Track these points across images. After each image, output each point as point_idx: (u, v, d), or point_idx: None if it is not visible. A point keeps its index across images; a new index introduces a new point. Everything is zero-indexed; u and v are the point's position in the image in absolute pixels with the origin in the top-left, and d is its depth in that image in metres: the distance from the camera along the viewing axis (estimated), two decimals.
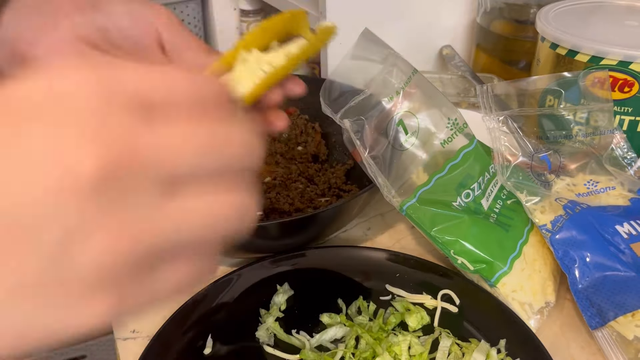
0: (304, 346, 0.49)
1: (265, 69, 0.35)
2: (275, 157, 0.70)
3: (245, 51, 0.35)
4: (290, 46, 0.37)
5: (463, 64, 0.85)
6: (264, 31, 0.36)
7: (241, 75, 0.35)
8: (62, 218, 0.17)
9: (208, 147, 0.19)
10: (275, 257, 0.56)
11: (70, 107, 0.18)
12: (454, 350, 0.48)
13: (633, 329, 0.48)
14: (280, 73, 0.36)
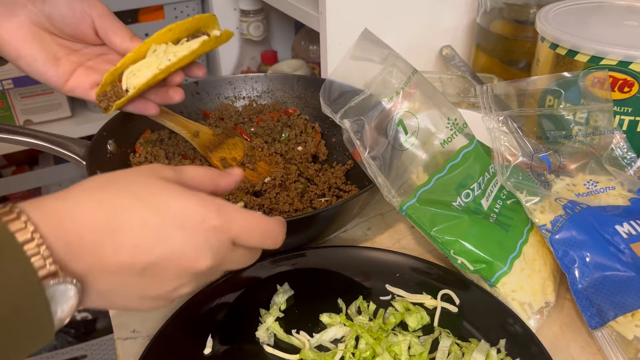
0: (304, 346, 0.49)
1: (171, 57, 0.50)
2: (275, 157, 0.70)
3: (156, 44, 0.50)
4: (193, 42, 0.51)
5: (463, 64, 0.85)
6: (170, 30, 0.50)
7: (150, 61, 0.50)
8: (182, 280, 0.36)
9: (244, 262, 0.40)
10: (275, 257, 0.56)
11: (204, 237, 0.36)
12: (454, 350, 0.48)
13: (633, 329, 0.48)
14: (181, 61, 0.50)
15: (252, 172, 0.67)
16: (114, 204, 0.34)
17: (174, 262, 0.35)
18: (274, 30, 1.27)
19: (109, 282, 0.34)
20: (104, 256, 0.33)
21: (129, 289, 0.35)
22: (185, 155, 0.68)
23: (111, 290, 0.34)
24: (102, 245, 0.33)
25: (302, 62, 1.11)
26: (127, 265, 0.33)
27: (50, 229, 0.31)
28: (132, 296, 0.36)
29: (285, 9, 0.87)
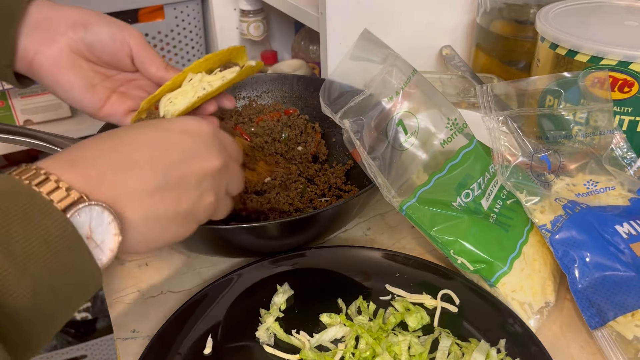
0: (304, 346, 0.49)
1: (206, 87, 0.51)
2: (275, 157, 0.70)
3: (193, 73, 0.52)
4: (226, 72, 0.53)
5: (463, 64, 0.85)
6: (206, 60, 0.52)
7: (186, 89, 0.51)
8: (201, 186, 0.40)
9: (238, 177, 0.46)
10: (275, 257, 0.56)
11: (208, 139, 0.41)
12: (454, 350, 0.48)
13: (633, 329, 0.48)
14: (216, 91, 0.52)
15: (252, 172, 0.67)
16: (119, 135, 0.38)
17: (191, 164, 0.39)
18: (274, 30, 1.27)
19: (140, 206, 0.36)
20: (125, 178, 0.35)
21: (160, 207, 0.37)
22: None
23: (146, 216, 0.36)
24: (120, 168, 0.35)
25: (302, 62, 1.11)
26: (149, 178, 0.36)
27: (65, 170, 0.33)
28: (167, 217, 0.37)
29: (285, 9, 0.87)
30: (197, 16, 1.17)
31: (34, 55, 0.50)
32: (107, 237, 0.34)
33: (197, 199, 0.39)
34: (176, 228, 0.39)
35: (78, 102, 0.52)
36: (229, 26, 1.18)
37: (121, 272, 0.61)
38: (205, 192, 0.40)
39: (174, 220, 0.38)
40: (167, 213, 0.37)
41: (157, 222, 0.37)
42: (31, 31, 0.50)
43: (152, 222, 0.37)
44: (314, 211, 0.53)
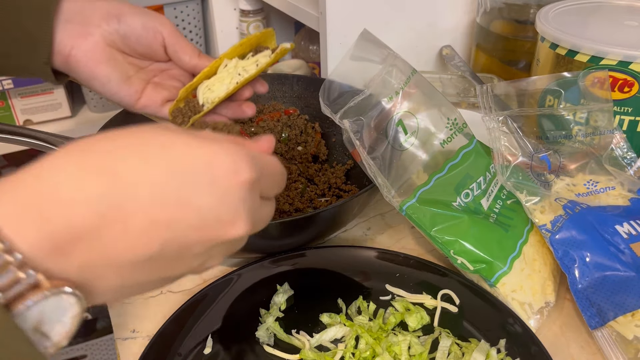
0: (304, 346, 0.49)
1: (241, 72, 0.51)
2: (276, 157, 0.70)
3: (228, 59, 0.51)
4: (259, 56, 0.52)
5: (463, 64, 0.85)
6: (241, 45, 0.51)
7: (223, 76, 0.51)
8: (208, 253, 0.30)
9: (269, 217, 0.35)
10: (275, 257, 0.56)
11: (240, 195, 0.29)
12: (454, 350, 0.48)
13: (633, 329, 0.48)
14: (251, 76, 0.51)
15: None
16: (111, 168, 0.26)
17: (204, 232, 0.28)
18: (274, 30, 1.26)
19: (117, 278, 0.27)
20: (106, 246, 0.25)
21: (142, 277, 0.28)
22: None
23: (121, 285, 0.27)
24: (102, 232, 0.25)
25: (302, 62, 1.10)
26: (140, 250, 0.26)
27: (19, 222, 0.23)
28: (151, 281, 0.29)
29: (285, 9, 0.87)
30: (197, 16, 1.17)
31: (70, 49, 0.48)
32: (59, 324, 0.25)
33: (197, 266, 0.30)
34: (161, 285, 0.31)
35: (115, 94, 0.51)
36: (229, 26, 1.18)
37: None
38: (212, 258, 0.31)
39: (162, 282, 0.30)
40: (151, 282, 0.29)
41: (135, 287, 0.29)
42: (66, 25, 0.48)
43: (126, 290, 0.28)
44: (314, 211, 0.53)
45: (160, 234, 0.26)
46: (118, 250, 0.26)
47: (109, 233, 0.25)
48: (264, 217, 0.34)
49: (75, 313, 0.25)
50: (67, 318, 0.25)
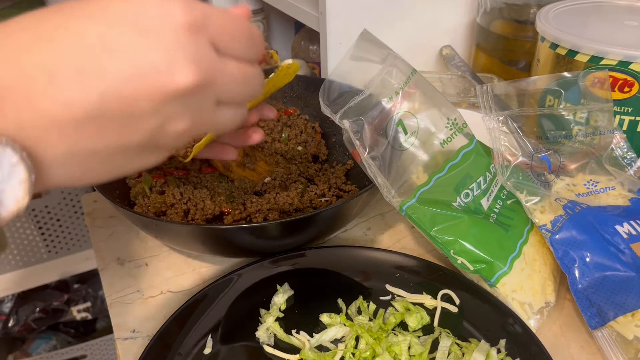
0: (304, 346, 0.49)
1: None
2: (275, 157, 0.70)
3: None
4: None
5: (463, 64, 0.85)
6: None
7: None
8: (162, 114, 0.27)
9: (247, 80, 0.31)
10: (275, 257, 0.56)
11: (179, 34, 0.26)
12: (454, 350, 0.48)
13: (633, 329, 0.48)
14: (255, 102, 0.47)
15: (252, 172, 0.67)
16: (37, 25, 0.25)
17: (143, 83, 0.26)
18: (274, 30, 1.26)
19: (61, 141, 0.26)
20: (37, 101, 0.24)
21: (96, 142, 0.26)
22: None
23: (72, 152, 0.26)
24: (31, 86, 0.24)
25: (302, 62, 1.10)
26: (75, 105, 0.25)
27: None
28: (109, 152, 0.27)
29: (285, 9, 0.87)
30: None
31: None
32: (9, 185, 0.25)
33: (158, 128, 0.28)
34: (128, 161, 0.29)
35: None
36: None
37: (121, 272, 0.61)
38: (171, 119, 0.28)
39: (124, 154, 0.28)
40: (109, 148, 0.27)
41: (92, 158, 0.27)
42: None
43: (84, 159, 0.27)
44: (314, 211, 0.53)
45: (92, 84, 0.25)
46: (48, 105, 0.25)
47: (34, 87, 0.24)
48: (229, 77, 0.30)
49: (23, 177, 0.25)
50: (16, 182, 0.25)
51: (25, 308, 1.38)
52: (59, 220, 1.20)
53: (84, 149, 0.27)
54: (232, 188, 0.64)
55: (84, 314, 1.42)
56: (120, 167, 0.29)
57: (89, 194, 0.75)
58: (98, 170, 0.29)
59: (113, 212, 0.70)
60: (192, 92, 0.27)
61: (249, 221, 0.62)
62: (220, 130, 0.32)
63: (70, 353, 1.34)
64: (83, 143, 0.26)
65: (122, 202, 0.61)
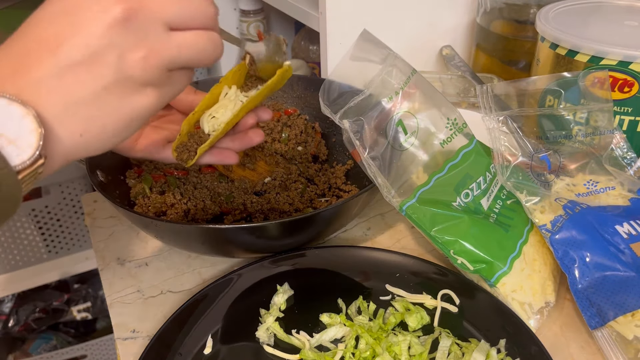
0: (304, 346, 0.49)
1: (242, 99, 0.49)
2: (276, 157, 0.70)
3: (227, 87, 0.49)
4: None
5: (463, 64, 0.85)
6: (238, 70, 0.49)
7: (225, 103, 0.49)
8: (115, 44, 0.32)
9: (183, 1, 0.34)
10: (275, 257, 0.56)
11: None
12: (454, 350, 0.48)
13: (633, 329, 0.48)
14: (253, 100, 0.48)
15: (252, 172, 0.67)
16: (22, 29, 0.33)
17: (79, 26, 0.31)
18: (274, 30, 1.26)
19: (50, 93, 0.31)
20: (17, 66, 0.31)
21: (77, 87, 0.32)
22: None
23: (65, 102, 0.32)
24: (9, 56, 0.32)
25: (302, 62, 1.10)
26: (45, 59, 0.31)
27: None
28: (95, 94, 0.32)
29: (285, 9, 0.87)
30: None
31: None
32: (22, 132, 0.30)
33: (117, 60, 0.32)
34: (119, 102, 0.33)
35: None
36: (229, 26, 1.18)
37: (121, 272, 0.61)
38: (126, 49, 0.32)
39: (108, 95, 0.33)
40: (92, 90, 0.32)
41: (85, 105, 0.32)
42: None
43: (79, 107, 0.32)
44: (314, 211, 0.53)
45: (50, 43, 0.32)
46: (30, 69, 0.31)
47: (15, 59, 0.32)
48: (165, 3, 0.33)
49: (33, 127, 0.30)
50: (27, 131, 0.30)
51: (25, 308, 1.38)
52: (59, 220, 1.20)
53: (73, 97, 0.32)
54: (232, 188, 0.64)
55: (84, 314, 1.42)
56: (118, 112, 0.33)
57: (89, 194, 0.75)
58: (99, 119, 0.33)
59: (113, 212, 0.70)
60: (127, 18, 0.32)
61: (249, 221, 0.62)
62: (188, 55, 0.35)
63: (70, 353, 1.34)
64: (69, 90, 0.32)
65: (122, 202, 0.61)
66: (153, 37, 0.33)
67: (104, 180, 0.60)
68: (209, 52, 0.36)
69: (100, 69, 0.32)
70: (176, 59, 0.34)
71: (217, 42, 0.36)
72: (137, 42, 0.32)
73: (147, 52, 0.33)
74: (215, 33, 0.36)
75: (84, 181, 1.19)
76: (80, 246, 1.27)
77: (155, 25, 0.33)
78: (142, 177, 0.64)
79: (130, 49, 0.32)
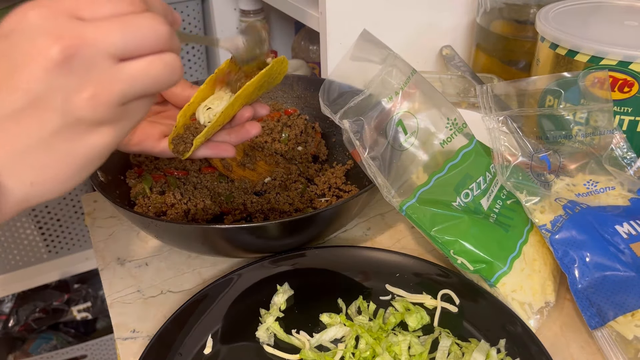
0: (304, 346, 0.49)
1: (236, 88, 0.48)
2: (275, 157, 0.70)
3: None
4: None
5: (463, 64, 0.85)
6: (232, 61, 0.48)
7: (220, 94, 0.49)
8: (57, 87, 0.29)
9: (129, 26, 0.31)
10: (275, 257, 0.56)
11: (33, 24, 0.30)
12: (454, 350, 0.48)
13: (633, 329, 0.48)
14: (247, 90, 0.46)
15: (252, 172, 0.67)
16: None
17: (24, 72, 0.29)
18: (274, 30, 1.27)
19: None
20: None
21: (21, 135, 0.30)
22: None
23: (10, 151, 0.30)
24: None
25: (302, 62, 1.11)
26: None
27: None
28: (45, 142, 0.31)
29: (285, 9, 0.87)
30: (197, 16, 1.17)
31: None
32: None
33: (62, 103, 0.30)
34: (70, 146, 0.31)
35: None
36: (229, 26, 1.18)
37: (121, 272, 0.61)
38: (72, 89, 0.30)
39: (58, 140, 0.31)
40: (39, 138, 0.30)
41: (33, 153, 0.31)
42: None
43: (27, 156, 0.30)
44: (314, 211, 0.53)
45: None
46: None
47: None
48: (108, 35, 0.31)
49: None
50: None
51: (25, 308, 1.38)
52: (59, 220, 1.20)
53: (17, 146, 0.30)
54: (232, 188, 0.64)
55: (84, 314, 1.42)
56: (71, 156, 0.32)
57: (89, 194, 0.75)
58: (50, 166, 0.32)
59: (113, 212, 0.70)
60: (67, 58, 0.29)
61: (249, 221, 0.62)
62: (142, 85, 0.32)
63: (70, 353, 1.34)
64: (14, 141, 0.30)
65: (122, 202, 0.61)
66: (99, 73, 0.30)
67: (104, 180, 0.60)
68: (165, 77, 0.32)
69: (45, 114, 0.30)
70: (128, 92, 0.31)
71: (173, 65, 0.33)
72: (82, 81, 0.30)
73: (95, 90, 0.30)
74: (170, 54, 0.33)
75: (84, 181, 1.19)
76: (80, 246, 1.27)
77: (99, 59, 0.30)
78: (142, 177, 0.64)
79: (75, 90, 0.30)
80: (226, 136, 0.51)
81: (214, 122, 0.48)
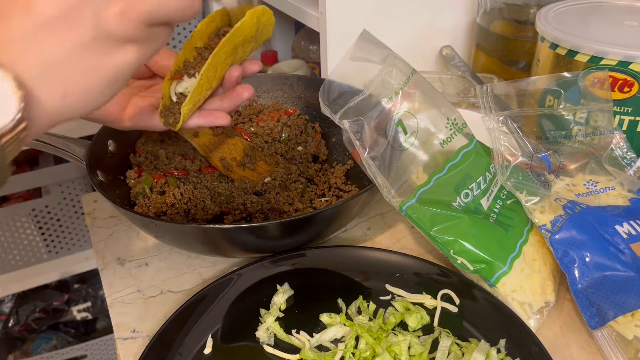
0: (304, 346, 0.49)
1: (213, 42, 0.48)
2: (276, 157, 0.70)
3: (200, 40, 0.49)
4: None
5: (463, 64, 0.85)
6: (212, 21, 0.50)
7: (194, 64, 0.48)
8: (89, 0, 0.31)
9: None
10: (275, 257, 0.56)
11: None
12: (454, 350, 0.48)
13: (632, 329, 0.48)
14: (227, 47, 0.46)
15: (252, 172, 0.67)
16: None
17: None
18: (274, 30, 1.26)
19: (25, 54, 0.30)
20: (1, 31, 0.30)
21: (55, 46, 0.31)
22: (185, 155, 0.68)
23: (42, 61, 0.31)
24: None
25: (302, 62, 1.11)
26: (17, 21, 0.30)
27: None
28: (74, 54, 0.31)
29: (285, 9, 0.87)
30: (196, 16, 1.17)
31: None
32: (1, 96, 0.29)
33: (93, 16, 0.31)
34: (99, 60, 0.32)
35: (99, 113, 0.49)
36: None
37: (121, 272, 0.61)
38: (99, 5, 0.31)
39: (87, 53, 0.32)
40: (70, 48, 0.31)
41: (64, 64, 0.31)
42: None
43: (58, 67, 0.31)
44: (314, 211, 0.53)
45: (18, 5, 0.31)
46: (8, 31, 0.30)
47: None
48: None
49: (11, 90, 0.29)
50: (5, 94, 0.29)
51: (25, 308, 1.38)
52: (59, 220, 1.20)
53: (49, 56, 0.31)
54: (232, 188, 0.64)
55: (84, 314, 1.42)
56: (99, 70, 0.33)
57: (89, 194, 0.75)
58: (80, 79, 0.32)
59: (113, 212, 0.70)
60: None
61: (249, 221, 0.62)
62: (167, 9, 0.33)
63: (70, 353, 1.34)
64: (46, 51, 0.31)
65: (122, 202, 0.61)
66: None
67: (104, 180, 0.60)
68: (187, 5, 0.34)
69: (76, 25, 0.31)
70: (155, 13, 0.33)
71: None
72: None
73: (125, 6, 0.32)
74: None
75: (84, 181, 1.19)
76: (80, 246, 1.27)
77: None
78: (142, 177, 0.64)
79: (106, 4, 0.31)
80: (219, 102, 0.51)
81: (197, 85, 0.46)
